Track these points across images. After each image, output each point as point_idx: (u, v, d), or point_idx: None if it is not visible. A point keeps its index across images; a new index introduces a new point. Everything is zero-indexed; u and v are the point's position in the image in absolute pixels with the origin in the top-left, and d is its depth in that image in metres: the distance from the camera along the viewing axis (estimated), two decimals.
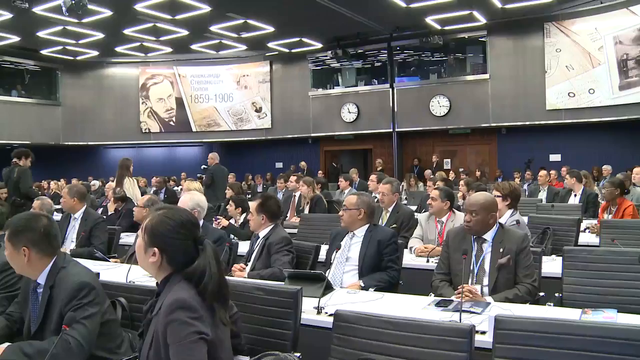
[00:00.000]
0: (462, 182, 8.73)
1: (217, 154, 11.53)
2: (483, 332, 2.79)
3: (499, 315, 2.46)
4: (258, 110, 19.97)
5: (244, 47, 18.32)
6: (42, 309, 2.77)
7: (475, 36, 16.83)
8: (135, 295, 3.20)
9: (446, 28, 15.96)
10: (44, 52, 18.46)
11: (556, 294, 3.79)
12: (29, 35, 16.03)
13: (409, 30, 16.42)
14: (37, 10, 13.12)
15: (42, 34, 15.89)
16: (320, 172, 17.78)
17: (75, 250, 5.67)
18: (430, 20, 15.18)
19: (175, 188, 14.83)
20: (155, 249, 2.31)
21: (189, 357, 2.14)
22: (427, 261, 4.82)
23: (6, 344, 2.63)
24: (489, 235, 3.85)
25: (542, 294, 3.80)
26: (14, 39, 16.56)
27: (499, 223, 3.96)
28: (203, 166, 11.59)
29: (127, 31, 15.86)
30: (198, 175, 12.02)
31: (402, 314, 2.61)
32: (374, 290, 3.92)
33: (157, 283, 2.43)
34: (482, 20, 15.39)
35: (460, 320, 2.98)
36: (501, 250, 3.75)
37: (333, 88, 19.28)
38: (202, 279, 2.28)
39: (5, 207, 4.86)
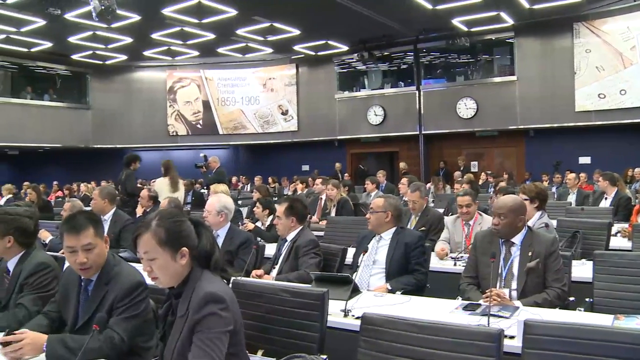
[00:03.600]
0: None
1: (218, 157, 11.52)
2: (512, 337, 2.75)
3: (528, 320, 2.42)
4: (284, 113, 20.05)
5: (270, 50, 18.42)
6: (92, 304, 2.83)
7: (502, 37, 16.66)
8: (161, 297, 3.21)
9: (473, 29, 15.85)
10: (74, 57, 18.79)
11: (587, 299, 3.73)
12: (60, 40, 16.37)
13: (435, 32, 16.33)
14: (69, 16, 13.37)
15: (72, 39, 16.20)
16: (346, 174, 17.75)
17: None
18: (456, 21, 15.08)
19: (202, 190, 14.92)
20: (184, 249, 2.33)
21: (212, 351, 2.17)
22: (455, 264, 4.79)
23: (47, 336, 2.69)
24: (517, 239, 3.80)
25: (572, 298, 3.74)
26: (47, 44, 16.94)
27: (528, 226, 3.90)
28: (200, 157, 11.62)
29: (155, 35, 16.06)
30: (197, 164, 12.04)
31: (429, 318, 2.58)
32: (401, 293, 3.89)
33: (170, 288, 2.45)
34: (509, 21, 15.24)
35: (488, 324, 2.94)
36: (530, 253, 3.70)
37: (359, 91, 19.27)
38: (212, 254, 2.38)
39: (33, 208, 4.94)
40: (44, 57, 18.63)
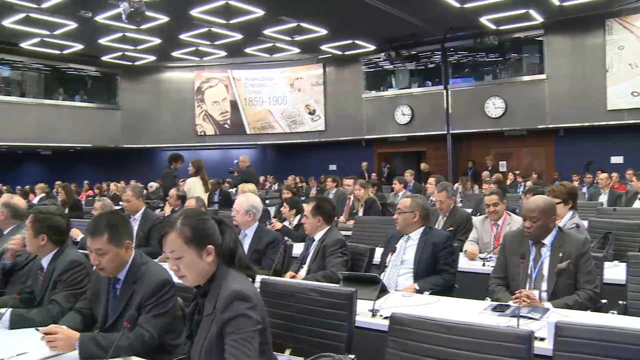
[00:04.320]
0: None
1: (248, 157, 11.55)
2: (542, 339, 2.71)
3: (560, 322, 2.39)
4: (311, 113, 20.08)
5: (297, 50, 18.48)
6: (121, 303, 2.89)
7: (531, 35, 16.45)
8: (188, 295, 3.23)
9: (501, 28, 15.68)
10: (104, 58, 19.10)
11: (620, 302, 3.66)
12: (91, 42, 16.66)
13: (463, 30, 16.22)
14: (99, 18, 13.63)
15: (103, 41, 16.48)
16: (373, 174, 17.70)
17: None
18: (484, 20, 14.94)
19: (230, 190, 15.01)
20: (209, 247, 2.36)
21: (248, 350, 2.19)
22: (483, 265, 4.74)
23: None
24: (547, 239, 3.73)
25: (604, 301, 3.66)
26: (78, 46, 17.27)
27: (558, 227, 3.84)
28: (234, 163, 11.66)
29: (183, 36, 16.22)
30: (230, 169, 12.09)
31: (457, 318, 2.55)
32: (429, 294, 3.87)
33: (196, 287, 2.47)
34: (538, 18, 15.04)
35: (517, 325, 2.91)
36: (560, 254, 3.64)
37: (386, 90, 19.22)
38: (235, 252, 2.41)
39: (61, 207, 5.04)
40: (75, 59, 18.99)
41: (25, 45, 16.93)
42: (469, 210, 7.72)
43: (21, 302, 3.39)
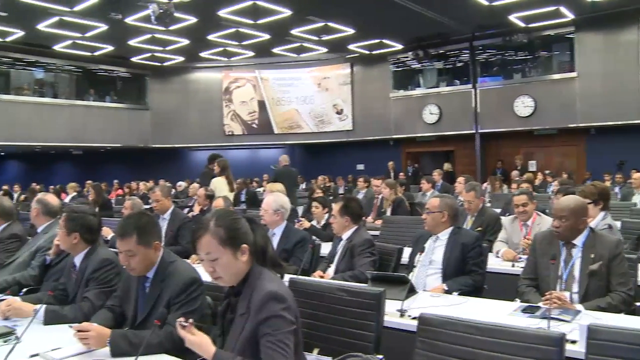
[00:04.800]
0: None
1: (287, 157, 11.56)
2: (573, 342, 2.68)
3: (593, 325, 2.35)
4: (339, 112, 20.08)
5: (325, 50, 18.49)
6: (150, 301, 2.94)
7: (562, 33, 16.18)
8: (217, 294, 3.26)
9: (531, 25, 15.47)
10: (134, 59, 19.38)
11: None
12: (121, 44, 16.92)
13: (491, 29, 16.08)
14: (129, 20, 13.83)
15: (132, 42, 16.71)
16: (401, 173, 17.64)
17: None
18: (513, 17, 14.77)
19: (258, 189, 15.09)
20: (244, 246, 2.37)
21: (284, 351, 2.20)
22: (512, 265, 4.70)
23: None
24: (579, 240, 3.68)
25: (638, 303, 3.59)
26: (108, 48, 17.53)
27: (590, 227, 3.78)
28: (272, 166, 11.66)
29: (211, 37, 16.35)
30: (272, 166, 12.09)
31: (487, 319, 2.53)
32: (458, 294, 3.85)
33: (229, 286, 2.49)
34: (569, 15, 14.80)
35: (548, 327, 2.87)
36: (592, 256, 3.58)
37: (414, 89, 19.14)
38: (266, 250, 2.43)
39: (91, 206, 5.17)
40: (105, 60, 19.29)
41: (58, 47, 17.26)
42: (498, 210, 7.66)
43: (54, 299, 3.48)
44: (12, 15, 13.75)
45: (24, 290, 4.03)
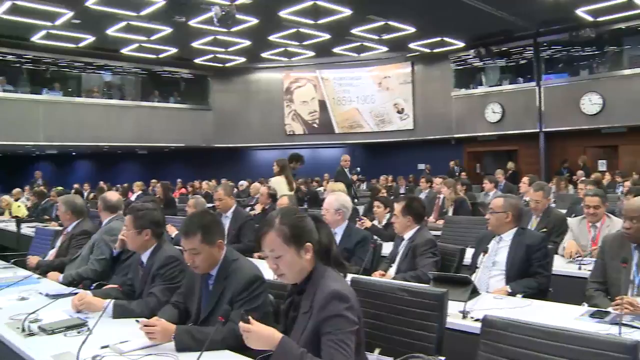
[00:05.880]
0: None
1: (348, 156, 11.51)
2: None
3: None
4: (400, 112, 19.98)
5: (385, 49, 18.42)
6: (213, 298, 2.99)
7: (634, 26, 15.52)
8: (280, 292, 3.30)
9: (599, 19, 14.95)
10: (197, 60, 19.83)
11: None
12: (184, 46, 17.34)
13: (557, 24, 15.64)
14: (192, 23, 14.18)
15: (195, 44, 17.10)
16: (463, 173, 17.38)
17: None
18: (581, 12, 14.31)
19: (318, 189, 15.16)
20: (308, 244, 2.37)
21: (344, 351, 2.19)
22: (579, 268, 4.55)
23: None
24: None
25: None
26: (172, 50, 18.00)
27: None
28: (357, 168, 11.57)
29: (272, 37, 16.55)
30: (353, 171, 12.01)
31: (552, 323, 2.45)
32: (522, 297, 3.75)
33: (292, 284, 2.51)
34: None
35: (619, 333, 2.77)
36: None
37: (476, 88, 18.85)
38: (331, 249, 2.43)
39: (157, 203, 5.38)
40: (169, 62, 19.83)
41: (125, 51, 17.87)
42: (564, 211, 7.45)
43: (122, 294, 3.61)
44: (84, 22, 14.35)
45: (94, 284, 4.20)
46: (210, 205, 8.95)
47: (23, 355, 2.81)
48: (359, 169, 11.01)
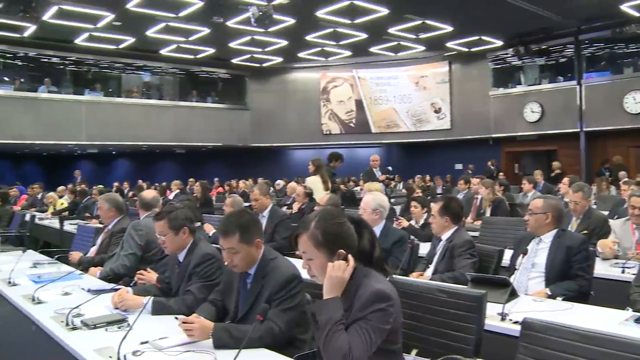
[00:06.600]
0: None
1: (377, 157, 11.44)
2: None
3: None
4: (437, 111, 19.83)
5: (422, 48, 18.31)
6: (251, 297, 3.02)
7: None
8: (316, 291, 3.30)
9: None
10: (234, 61, 20.02)
11: None
12: (222, 46, 17.53)
13: (599, 21, 15.28)
14: (230, 23, 14.31)
15: (233, 44, 17.26)
16: (501, 174, 17.15)
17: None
18: (625, 7, 13.94)
19: (355, 189, 15.13)
20: (340, 251, 2.34)
21: (365, 340, 2.17)
22: (623, 272, 4.44)
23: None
24: None
25: None
26: (210, 51, 18.23)
27: None
28: (388, 168, 11.50)
29: (309, 37, 16.59)
30: (385, 169, 11.98)
31: (594, 328, 2.39)
32: (562, 300, 3.69)
33: None
34: None
35: None
36: None
37: (514, 87, 18.60)
38: (372, 254, 2.40)
39: (192, 201, 5.50)
40: (207, 62, 20.07)
41: (163, 52, 18.17)
42: (605, 213, 7.28)
43: (160, 291, 3.66)
44: (124, 24, 14.65)
45: (133, 282, 4.29)
46: (247, 204, 9.02)
47: (67, 348, 2.89)
48: (390, 168, 10.89)
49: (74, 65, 18.52)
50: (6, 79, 17.59)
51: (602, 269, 4.57)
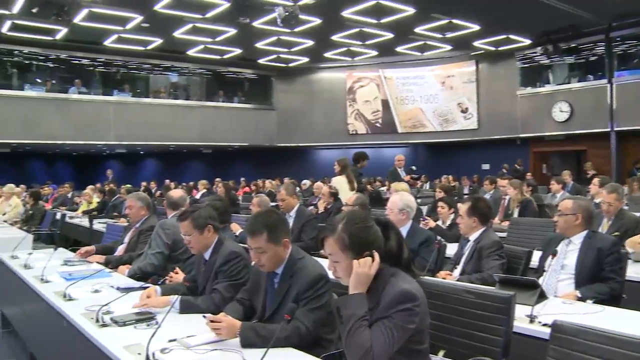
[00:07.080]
0: None
1: (402, 156, 11.37)
2: None
3: None
4: (464, 111, 19.69)
5: (449, 47, 18.19)
6: (278, 296, 3.04)
7: None
8: (342, 291, 3.29)
9: None
10: (260, 61, 20.12)
11: None
12: (248, 47, 17.63)
13: (631, 17, 15.01)
14: (256, 24, 14.39)
15: (259, 45, 17.36)
16: (529, 174, 16.94)
17: None
18: None
19: (381, 188, 15.09)
20: (366, 253, 2.33)
21: (387, 338, 2.17)
22: None
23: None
24: None
25: None
26: (237, 51, 18.35)
27: None
28: (413, 167, 11.43)
29: (335, 37, 16.59)
30: (409, 168, 11.92)
31: (626, 331, 2.34)
32: (592, 302, 3.63)
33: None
34: None
35: None
36: None
37: (543, 86, 18.39)
38: (400, 256, 2.40)
39: (223, 202, 5.56)
40: (234, 63, 20.21)
41: (191, 52, 18.35)
42: (638, 214, 7.16)
43: (188, 290, 3.69)
44: (152, 25, 14.84)
45: (161, 281, 4.34)
46: (273, 204, 9.05)
47: (97, 344, 2.94)
48: (414, 167, 10.82)
49: (103, 66, 18.83)
50: (38, 80, 17.93)
51: (634, 271, 4.48)
